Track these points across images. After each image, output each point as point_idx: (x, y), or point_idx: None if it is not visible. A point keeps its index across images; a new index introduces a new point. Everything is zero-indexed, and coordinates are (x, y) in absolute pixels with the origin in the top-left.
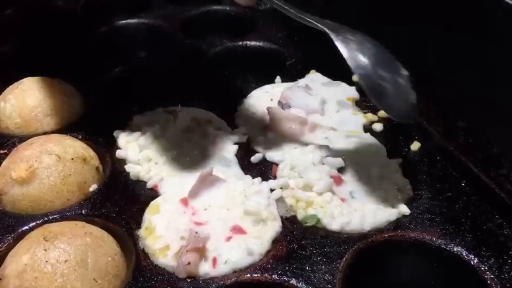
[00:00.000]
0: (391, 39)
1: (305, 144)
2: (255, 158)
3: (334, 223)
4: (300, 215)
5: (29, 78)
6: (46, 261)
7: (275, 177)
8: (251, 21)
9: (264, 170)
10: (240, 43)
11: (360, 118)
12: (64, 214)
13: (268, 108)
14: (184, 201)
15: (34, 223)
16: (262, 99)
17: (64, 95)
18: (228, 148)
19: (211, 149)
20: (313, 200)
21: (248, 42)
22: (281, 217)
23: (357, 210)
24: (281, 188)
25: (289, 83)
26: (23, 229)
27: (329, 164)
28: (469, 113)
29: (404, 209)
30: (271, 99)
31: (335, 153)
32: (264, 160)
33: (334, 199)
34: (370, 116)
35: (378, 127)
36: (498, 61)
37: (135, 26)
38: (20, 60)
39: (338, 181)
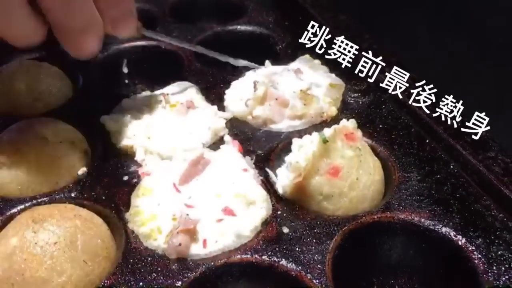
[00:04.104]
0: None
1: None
2: (244, 139)
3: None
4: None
5: (17, 60)
6: (36, 243)
7: None
8: (241, 6)
9: (254, 150)
10: (230, 27)
11: None
12: (53, 197)
13: (254, 81)
14: (175, 183)
15: (22, 206)
16: (251, 81)
17: (52, 78)
18: (218, 130)
19: (201, 131)
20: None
21: (238, 27)
22: (271, 198)
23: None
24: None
25: (280, 67)
26: (11, 212)
27: None
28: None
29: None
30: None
31: None
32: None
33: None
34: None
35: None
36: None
37: None
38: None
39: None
